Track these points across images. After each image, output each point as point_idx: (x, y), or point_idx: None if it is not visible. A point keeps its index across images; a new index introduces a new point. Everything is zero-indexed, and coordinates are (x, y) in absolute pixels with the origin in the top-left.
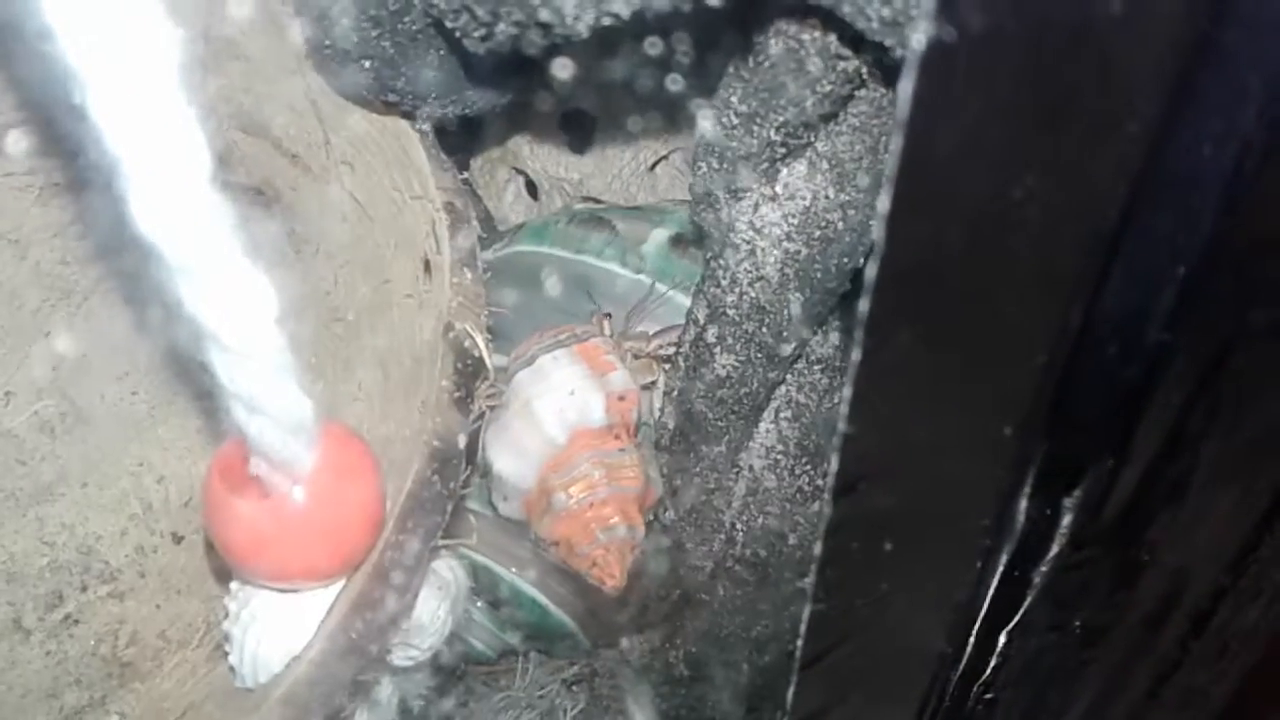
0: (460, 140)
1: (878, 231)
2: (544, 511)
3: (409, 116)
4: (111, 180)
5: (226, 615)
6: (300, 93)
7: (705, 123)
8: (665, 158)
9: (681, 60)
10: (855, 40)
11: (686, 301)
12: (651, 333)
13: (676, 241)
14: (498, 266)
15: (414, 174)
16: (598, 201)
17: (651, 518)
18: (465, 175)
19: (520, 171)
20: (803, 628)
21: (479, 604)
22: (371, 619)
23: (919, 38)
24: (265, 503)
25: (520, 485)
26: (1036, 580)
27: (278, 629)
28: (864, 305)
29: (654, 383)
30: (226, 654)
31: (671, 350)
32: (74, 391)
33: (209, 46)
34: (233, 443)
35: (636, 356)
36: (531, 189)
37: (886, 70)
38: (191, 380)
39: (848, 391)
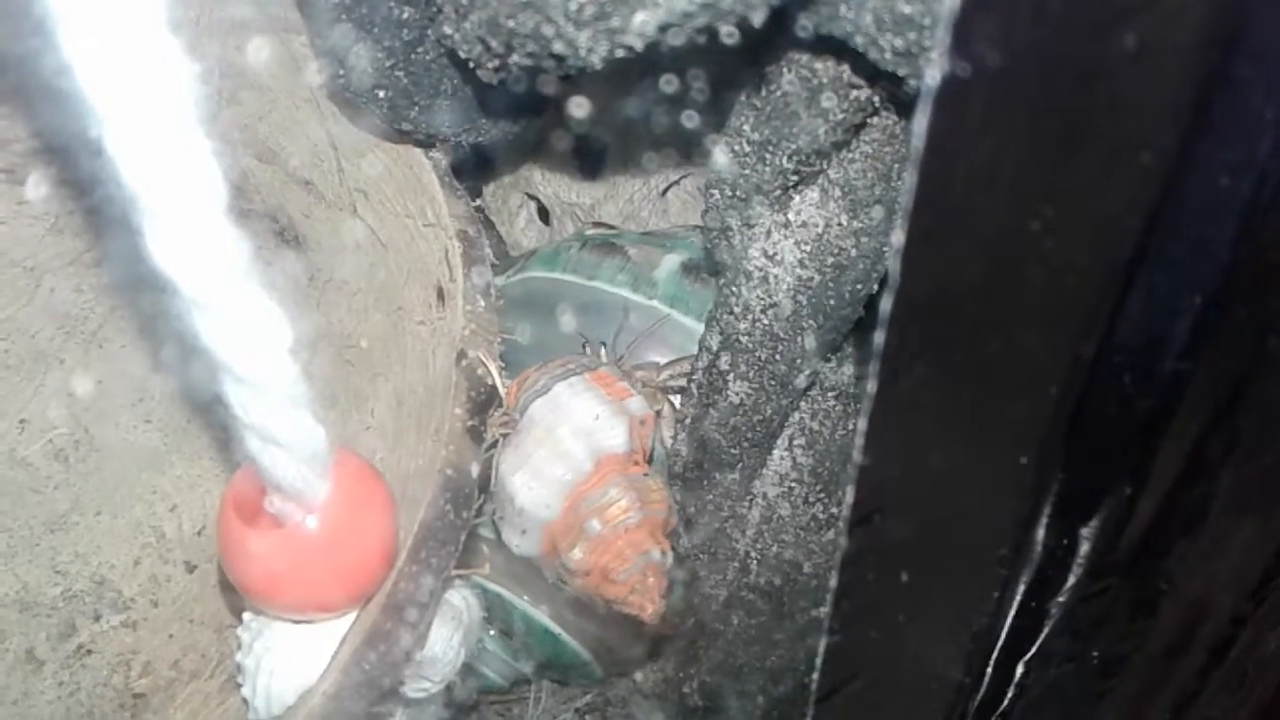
0: (473, 165)
1: (892, 265)
2: (575, 540)
3: (423, 145)
4: (127, 213)
5: (239, 647)
6: (315, 121)
7: (718, 151)
8: (677, 183)
9: (694, 87)
10: (868, 69)
11: (697, 328)
12: (662, 362)
13: (689, 267)
14: (510, 292)
15: (428, 202)
16: (610, 227)
17: None
18: (478, 201)
19: (532, 197)
20: (818, 660)
21: (491, 632)
22: (385, 652)
23: (933, 74)
24: (279, 534)
25: (543, 515)
26: (1054, 610)
27: (291, 661)
28: (879, 339)
29: (659, 411)
30: (239, 685)
31: (682, 381)
32: (88, 420)
33: (225, 76)
34: (245, 472)
35: (646, 385)
36: (543, 214)
37: (899, 98)
38: (205, 409)
39: (863, 424)
